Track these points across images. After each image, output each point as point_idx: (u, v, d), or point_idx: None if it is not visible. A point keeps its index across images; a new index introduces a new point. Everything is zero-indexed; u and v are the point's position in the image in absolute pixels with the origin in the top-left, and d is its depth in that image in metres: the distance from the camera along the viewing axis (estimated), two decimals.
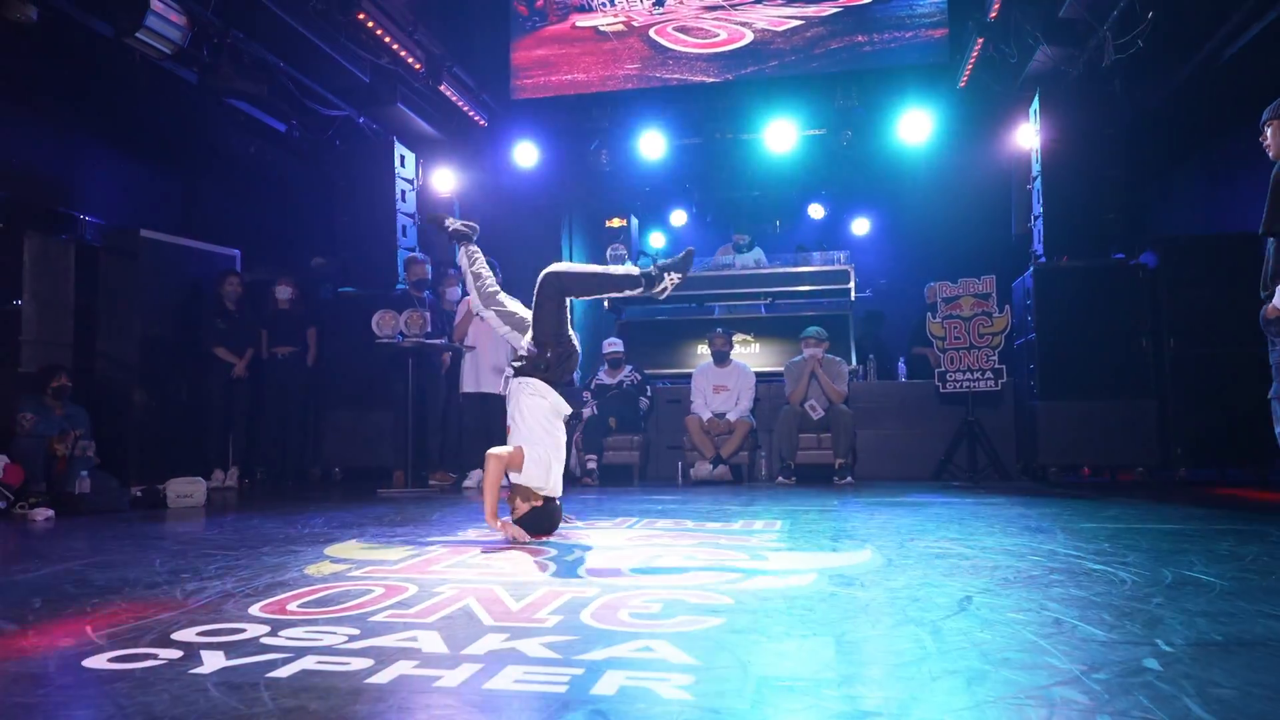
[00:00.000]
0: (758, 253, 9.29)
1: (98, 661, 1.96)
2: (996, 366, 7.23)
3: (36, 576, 3.11)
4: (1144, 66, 6.87)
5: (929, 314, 7.53)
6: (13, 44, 6.40)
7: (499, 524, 3.88)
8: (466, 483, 7.07)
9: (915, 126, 8.95)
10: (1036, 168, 7.46)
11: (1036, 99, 7.43)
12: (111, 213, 8.03)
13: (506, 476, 3.87)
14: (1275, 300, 3.86)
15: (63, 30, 6.20)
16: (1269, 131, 4.01)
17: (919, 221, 10.81)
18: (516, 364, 4.01)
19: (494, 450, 3.85)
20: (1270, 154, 4.02)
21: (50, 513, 5.20)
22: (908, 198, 10.78)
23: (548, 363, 3.92)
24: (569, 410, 4.01)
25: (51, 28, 6.02)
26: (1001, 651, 1.97)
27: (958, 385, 7.30)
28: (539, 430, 3.85)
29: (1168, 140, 8.25)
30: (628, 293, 4.07)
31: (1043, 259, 7.20)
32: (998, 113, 8.59)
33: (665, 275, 3.98)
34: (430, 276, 7.73)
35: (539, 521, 3.90)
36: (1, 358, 7.05)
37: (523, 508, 3.88)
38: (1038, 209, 7.40)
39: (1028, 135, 7.74)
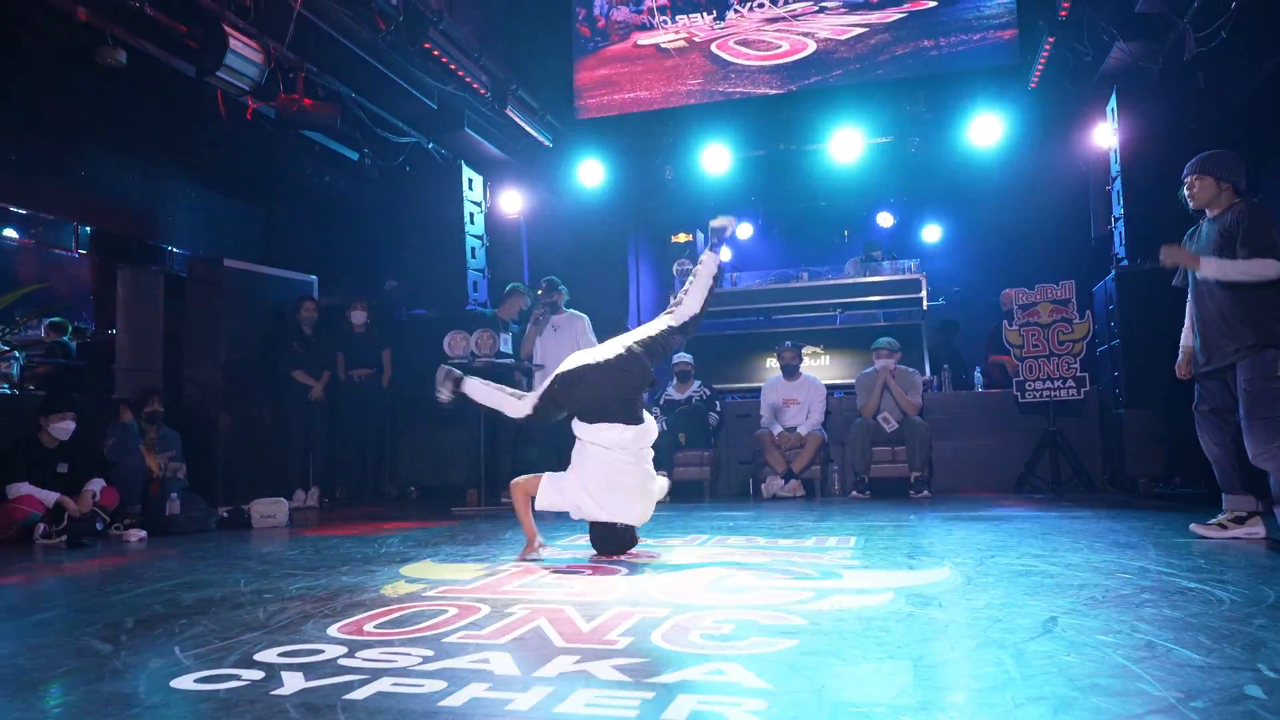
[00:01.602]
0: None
1: (184, 682, 2.02)
2: (1079, 375, 6.99)
3: (130, 596, 3.24)
4: (1228, 58, 6.59)
5: (1005, 321, 7.33)
6: (103, 87, 6.75)
7: (537, 546, 3.97)
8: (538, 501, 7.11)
9: (986, 130, 8.75)
10: (1116, 168, 7.21)
11: (1114, 97, 7.19)
12: (197, 243, 8.38)
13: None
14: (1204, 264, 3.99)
15: (149, 72, 6.51)
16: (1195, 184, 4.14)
17: (992, 227, 10.57)
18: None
19: (515, 480, 3.99)
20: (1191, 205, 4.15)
21: (143, 534, 5.42)
22: (980, 203, 10.55)
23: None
24: (639, 437, 3.85)
25: (138, 70, 6.32)
26: (1090, 677, 1.89)
27: (1037, 395, 7.08)
28: (592, 463, 3.81)
29: (1256, 134, 7.88)
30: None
31: (1125, 262, 6.95)
32: (1073, 113, 8.34)
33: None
34: (527, 305, 7.81)
35: (606, 541, 3.90)
36: (98, 385, 7.40)
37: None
38: (1118, 210, 7.15)
39: (1105, 135, 7.49)
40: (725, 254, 4.34)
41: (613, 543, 3.90)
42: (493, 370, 7.14)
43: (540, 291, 7.21)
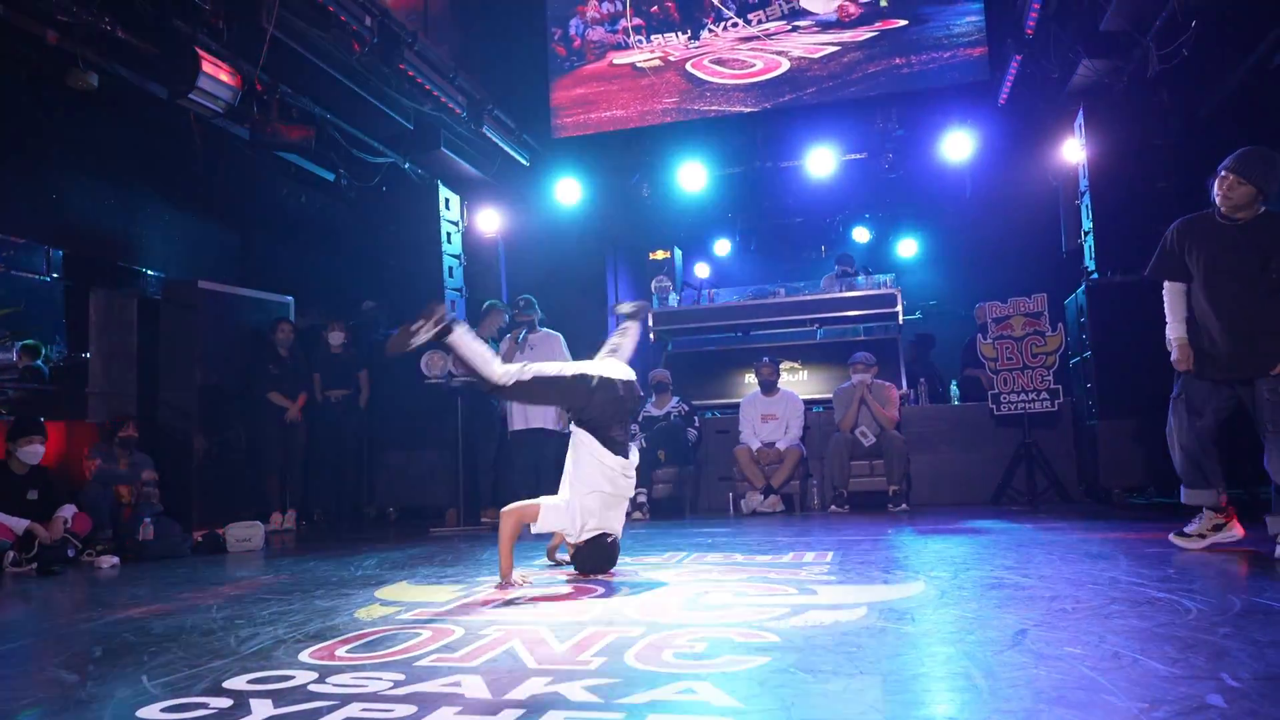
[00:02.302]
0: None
1: (150, 712, 2.00)
2: (1052, 387, 7.06)
3: (100, 625, 3.19)
4: (1192, 75, 6.72)
5: (979, 335, 7.41)
6: (75, 110, 6.72)
7: (512, 580, 3.67)
8: (539, 524, 7.08)
9: (958, 146, 8.86)
10: (1084, 182, 7.32)
11: (1081, 113, 7.30)
12: (171, 266, 8.31)
13: (528, 528, 3.85)
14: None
15: (121, 94, 6.49)
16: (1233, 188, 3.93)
17: (966, 241, 10.68)
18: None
19: (508, 507, 3.82)
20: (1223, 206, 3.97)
21: (116, 560, 5.35)
22: (954, 218, 10.65)
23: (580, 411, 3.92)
24: (623, 458, 3.87)
25: (110, 92, 6.30)
26: (1057, 689, 1.91)
27: (1012, 407, 7.14)
28: (588, 476, 3.82)
29: (1220, 149, 8.02)
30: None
31: (1095, 275, 7.04)
32: (1042, 128, 8.46)
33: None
34: (506, 323, 7.80)
35: (594, 558, 3.89)
36: (71, 410, 7.30)
37: (576, 543, 3.89)
38: (1087, 224, 7.25)
39: (1074, 150, 7.61)
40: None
41: (600, 560, 3.90)
42: (471, 390, 7.14)
43: (518, 310, 7.21)
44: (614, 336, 4.37)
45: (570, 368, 4.04)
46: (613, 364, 4.04)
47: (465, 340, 3.86)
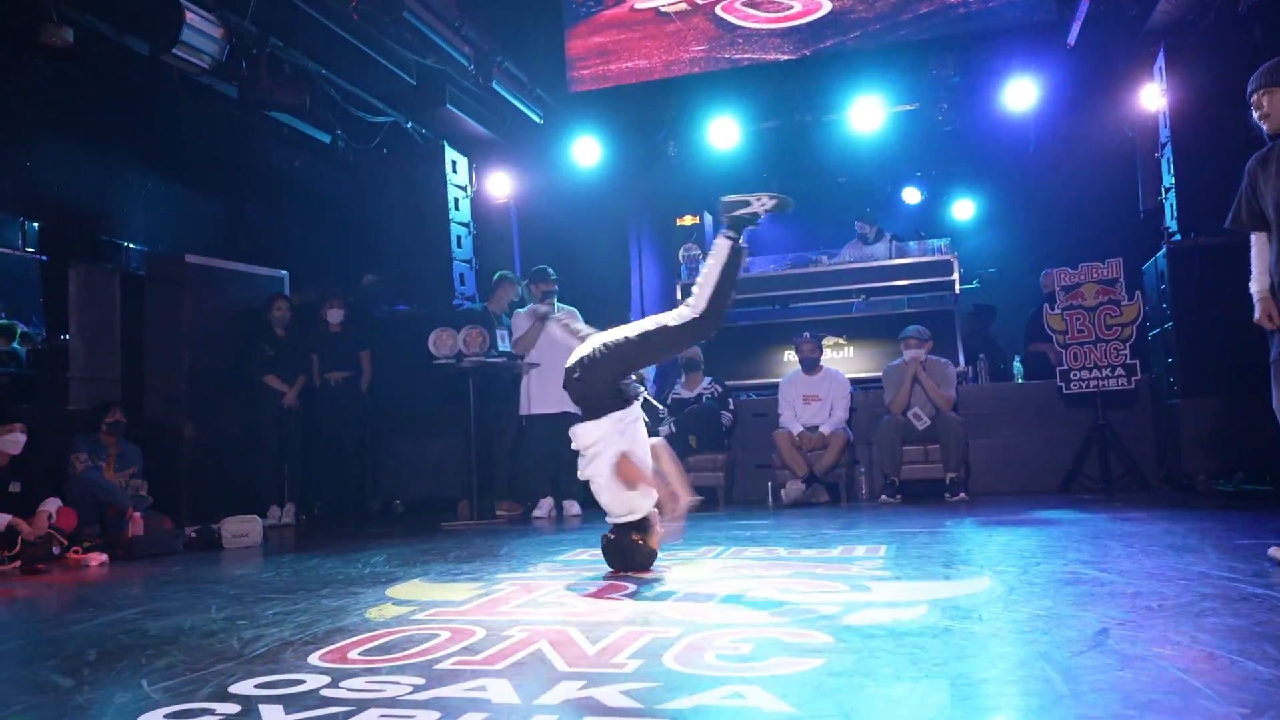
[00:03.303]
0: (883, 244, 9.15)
1: (153, 718, 2.04)
2: (1129, 362, 6.98)
3: (91, 626, 3.25)
4: None
5: (1046, 305, 7.33)
6: (50, 69, 6.77)
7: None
8: (536, 513, 7.14)
9: (1021, 94, 8.73)
10: (1165, 133, 7.19)
11: (1161, 54, 7.16)
12: (155, 239, 8.40)
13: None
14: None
15: (98, 52, 6.53)
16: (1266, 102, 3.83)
17: (1030, 201, 10.54)
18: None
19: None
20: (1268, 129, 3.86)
21: (104, 557, 5.45)
22: (1016, 175, 10.52)
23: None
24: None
25: (87, 50, 6.34)
26: (1146, 693, 1.90)
27: (1084, 385, 7.07)
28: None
29: None
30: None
31: (1177, 236, 6.93)
32: (1117, 73, 8.32)
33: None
34: (519, 296, 7.85)
35: (625, 555, 3.92)
36: (52, 396, 7.42)
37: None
38: (1169, 180, 7.13)
39: (1153, 96, 7.48)
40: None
41: (637, 556, 3.90)
42: (483, 371, 7.17)
43: (545, 282, 7.23)
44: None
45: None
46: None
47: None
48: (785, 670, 2.21)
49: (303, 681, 2.29)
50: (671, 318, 4.00)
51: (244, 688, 2.25)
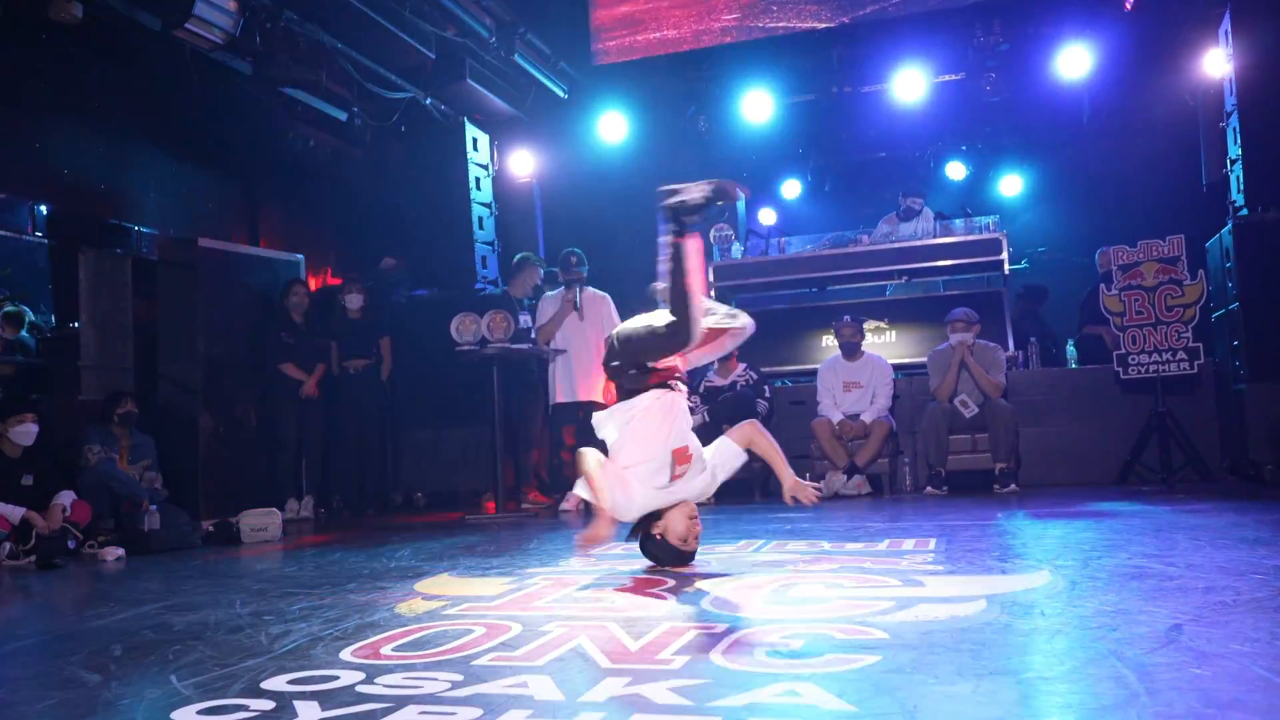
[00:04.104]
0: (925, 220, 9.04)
1: (186, 714, 2.07)
2: (1191, 345, 6.89)
3: (113, 621, 3.30)
4: None
5: (1102, 285, 7.25)
6: (58, 47, 6.84)
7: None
8: (564, 505, 7.17)
9: (1074, 62, 8.64)
10: (1231, 101, 7.08)
11: (1227, 16, 7.06)
12: (168, 222, 8.48)
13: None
14: None
15: (109, 28, 6.59)
16: None
17: (1084, 176, 10.43)
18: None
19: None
20: None
21: (121, 551, 5.52)
22: (1069, 148, 10.42)
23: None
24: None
25: (97, 26, 6.41)
26: (1227, 692, 1.88)
27: (1142, 370, 6.99)
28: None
29: None
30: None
31: (1244, 211, 6.83)
32: (1178, 37, 8.21)
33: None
34: (542, 279, 7.88)
35: (668, 552, 3.90)
36: (63, 386, 7.52)
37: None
38: (1235, 151, 7.03)
39: (1218, 62, 7.37)
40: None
41: (662, 553, 3.91)
42: (508, 357, 7.19)
43: (569, 266, 7.24)
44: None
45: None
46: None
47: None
48: (840, 667, 2.20)
49: (336, 678, 2.31)
50: (660, 322, 3.80)
51: (277, 684, 2.28)
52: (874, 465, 7.29)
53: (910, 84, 9.17)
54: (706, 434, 7.62)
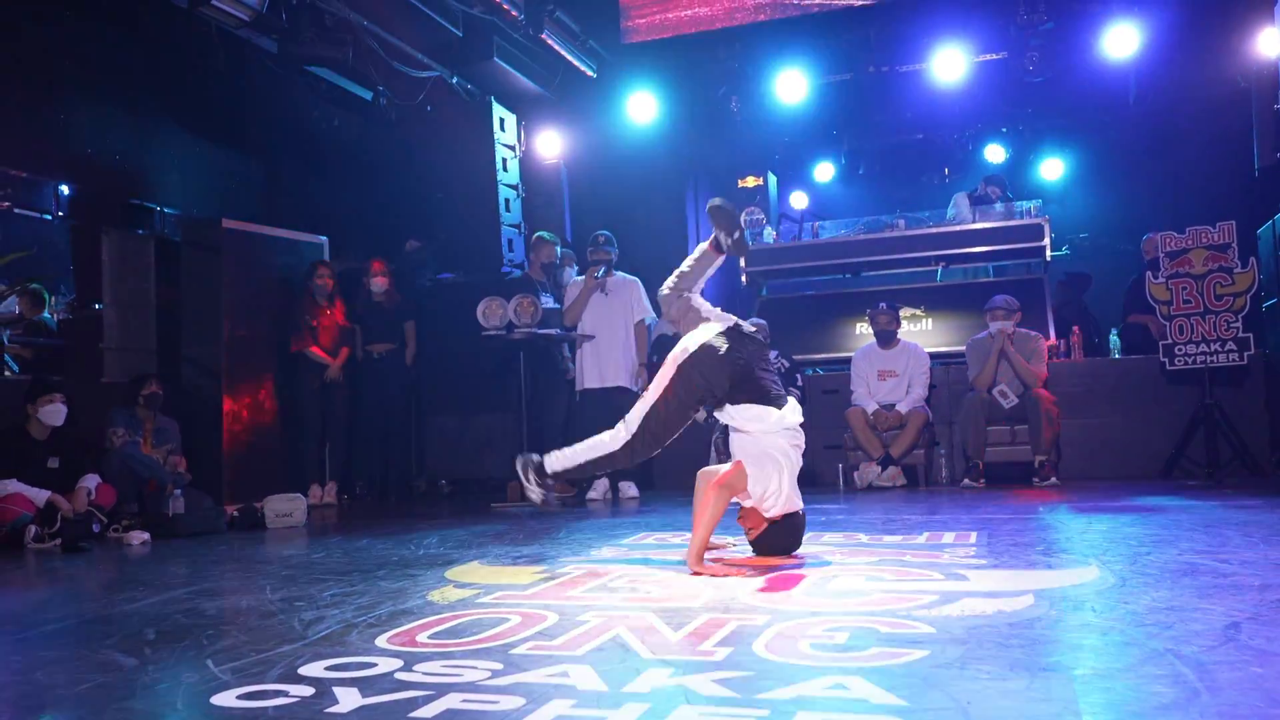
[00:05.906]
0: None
1: (226, 699, 2.10)
2: (1241, 335, 6.81)
3: (144, 605, 3.35)
4: None
5: (1149, 273, 7.17)
6: (81, 24, 6.89)
7: (708, 568, 3.60)
8: (591, 494, 7.19)
9: (1120, 41, 8.54)
10: None
11: None
12: (191, 202, 8.53)
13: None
14: None
15: (134, 5, 6.64)
16: None
17: (1130, 159, 10.33)
18: None
19: (708, 470, 3.96)
20: None
21: (146, 535, 5.59)
22: (1114, 131, 10.32)
23: None
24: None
25: (121, 3, 6.45)
26: None
27: (1190, 360, 6.92)
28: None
29: None
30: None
31: None
32: (1230, 15, 8.11)
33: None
34: (559, 259, 7.89)
35: (782, 538, 3.91)
36: (86, 368, 7.60)
37: (759, 525, 3.90)
38: None
39: (1272, 41, 7.25)
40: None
41: (790, 536, 3.95)
42: (534, 342, 7.21)
43: (595, 247, 7.23)
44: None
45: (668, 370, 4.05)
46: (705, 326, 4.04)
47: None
48: (887, 661, 2.21)
49: (374, 665, 2.33)
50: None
51: (314, 670, 2.30)
52: (909, 456, 7.26)
53: (949, 63, 9.10)
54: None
